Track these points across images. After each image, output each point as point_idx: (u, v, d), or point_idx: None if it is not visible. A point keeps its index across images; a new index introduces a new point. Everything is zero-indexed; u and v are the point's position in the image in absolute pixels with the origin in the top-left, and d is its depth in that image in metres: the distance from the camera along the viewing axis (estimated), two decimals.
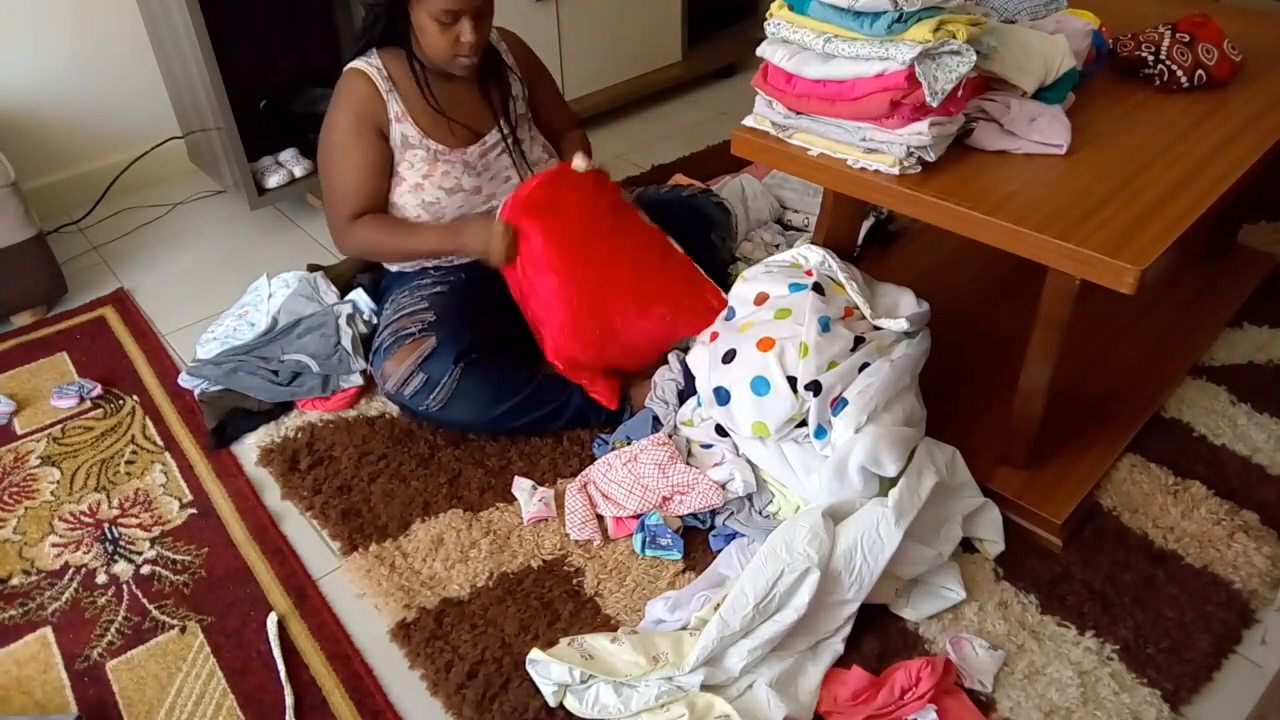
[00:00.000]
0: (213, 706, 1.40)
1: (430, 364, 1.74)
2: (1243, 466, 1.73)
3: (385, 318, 1.87)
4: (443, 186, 1.85)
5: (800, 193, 2.41)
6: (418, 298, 1.85)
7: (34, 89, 2.50)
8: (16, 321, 2.23)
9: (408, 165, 1.84)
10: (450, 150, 1.85)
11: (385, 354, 1.78)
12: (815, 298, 1.54)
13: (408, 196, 1.86)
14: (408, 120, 1.81)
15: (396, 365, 1.76)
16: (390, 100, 1.80)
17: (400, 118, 1.81)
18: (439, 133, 1.84)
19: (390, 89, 1.80)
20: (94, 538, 1.68)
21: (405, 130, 1.82)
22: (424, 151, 1.83)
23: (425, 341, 1.76)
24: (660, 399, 1.80)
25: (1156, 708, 1.36)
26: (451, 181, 1.86)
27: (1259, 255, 2.23)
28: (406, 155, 1.84)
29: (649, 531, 1.60)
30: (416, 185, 1.85)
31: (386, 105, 1.80)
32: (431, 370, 1.74)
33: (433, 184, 1.85)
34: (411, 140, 1.82)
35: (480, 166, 1.89)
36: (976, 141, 1.53)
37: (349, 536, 1.65)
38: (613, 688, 1.34)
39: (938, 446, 1.58)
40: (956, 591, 1.50)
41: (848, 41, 1.39)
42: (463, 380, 1.74)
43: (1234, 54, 1.71)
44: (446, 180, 1.85)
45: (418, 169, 1.84)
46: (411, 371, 1.74)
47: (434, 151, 1.83)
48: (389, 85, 1.80)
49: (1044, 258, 1.36)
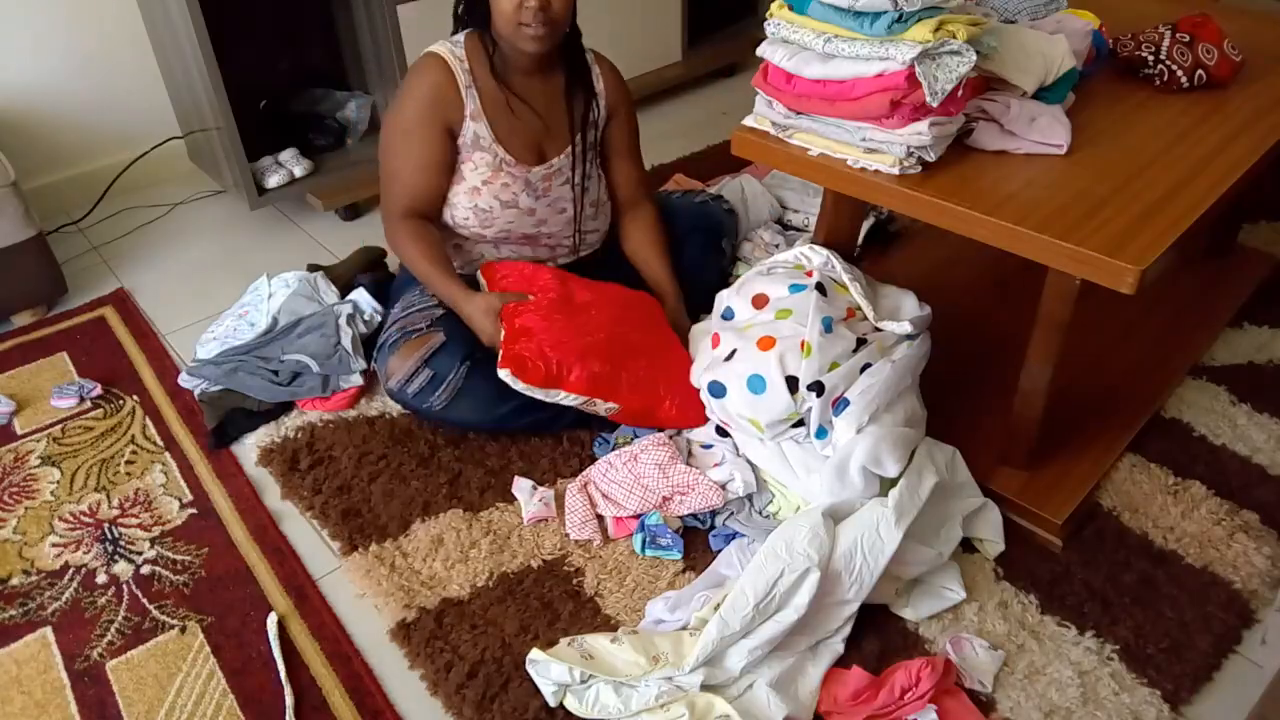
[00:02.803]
0: (213, 706, 1.40)
1: (437, 360, 1.72)
2: (1243, 466, 1.73)
3: (393, 315, 1.85)
4: (499, 197, 1.80)
5: (800, 193, 2.41)
6: (428, 297, 1.83)
7: (34, 89, 2.50)
8: (16, 321, 2.23)
9: (471, 166, 1.79)
10: (516, 164, 1.79)
11: (390, 349, 1.75)
12: (818, 298, 1.54)
13: (463, 196, 1.81)
14: (483, 120, 1.76)
15: (402, 361, 1.73)
16: (468, 97, 1.74)
17: (476, 115, 1.75)
18: (511, 141, 1.79)
19: (470, 84, 1.74)
20: (94, 538, 1.68)
21: (479, 130, 1.76)
22: (491, 156, 1.78)
23: (433, 337, 1.73)
24: None
25: (1156, 708, 1.36)
26: (509, 195, 1.80)
27: (1259, 255, 2.23)
28: (473, 156, 1.78)
29: (649, 531, 1.60)
30: (474, 189, 1.80)
31: (464, 101, 1.74)
32: (438, 366, 1.72)
33: (490, 191, 1.80)
34: (482, 142, 1.77)
35: (541, 189, 1.83)
36: (976, 141, 1.53)
37: (349, 536, 1.65)
38: (613, 688, 1.34)
39: (938, 446, 1.58)
40: (956, 591, 1.50)
41: (848, 41, 1.39)
42: (469, 378, 1.73)
43: (1234, 54, 1.71)
44: (504, 192, 1.80)
45: (480, 172, 1.79)
46: (417, 367, 1.72)
47: (500, 159, 1.78)
48: (469, 79, 1.74)
49: (1044, 258, 1.36)
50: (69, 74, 2.54)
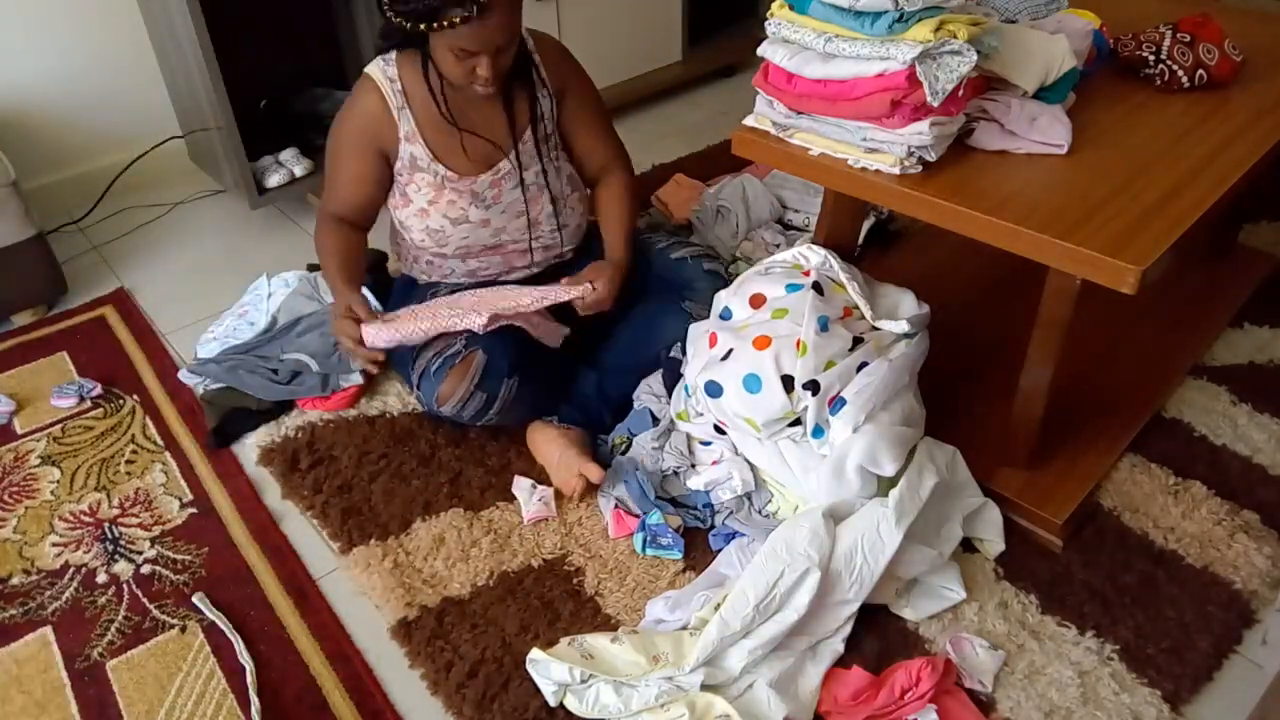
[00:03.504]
0: (213, 706, 1.40)
1: (486, 381, 1.69)
2: (1243, 467, 1.73)
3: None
4: (448, 215, 1.77)
5: (801, 192, 2.41)
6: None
7: (34, 89, 2.51)
8: (16, 321, 2.23)
9: (415, 188, 1.76)
10: (459, 178, 1.75)
11: (436, 378, 1.70)
12: (814, 297, 1.54)
13: (414, 220, 1.78)
14: (418, 141, 1.71)
15: (453, 388, 1.69)
16: (401, 119, 1.70)
17: (410, 137, 1.71)
18: (450, 156, 1.73)
19: (403, 105, 1.70)
20: (94, 537, 1.68)
21: (415, 151, 1.72)
22: (431, 176, 1.74)
23: (474, 358, 1.69)
24: (650, 393, 1.79)
25: (1156, 708, 1.36)
26: (457, 211, 1.76)
27: (1260, 255, 2.23)
28: (414, 178, 1.75)
29: (649, 531, 1.60)
30: (422, 210, 1.77)
31: (396, 124, 1.70)
32: (489, 388, 1.70)
33: (438, 211, 1.76)
34: (420, 163, 1.73)
35: (490, 198, 1.77)
36: (977, 141, 1.53)
37: (349, 536, 1.65)
38: (613, 687, 1.34)
39: (938, 446, 1.58)
40: (956, 591, 1.50)
41: (848, 41, 1.39)
42: (519, 389, 1.72)
43: (1235, 54, 1.70)
44: (452, 210, 1.76)
45: (424, 193, 1.75)
46: (470, 392, 1.69)
47: (442, 177, 1.74)
48: (402, 101, 1.70)
49: (1045, 258, 1.36)
50: (69, 74, 2.54)
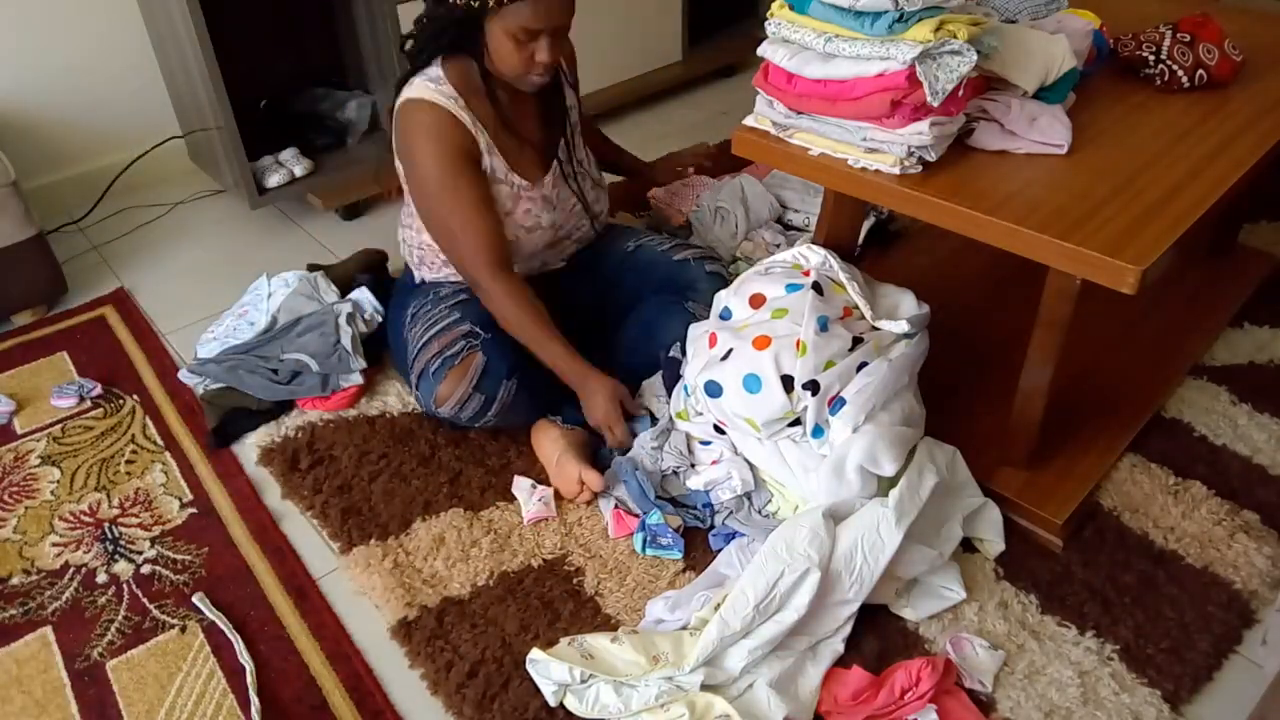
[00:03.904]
0: (213, 706, 1.40)
1: (485, 383, 1.69)
2: (1243, 467, 1.73)
3: (418, 334, 1.78)
4: (523, 225, 1.76)
5: (801, 192, 2.41)
6: (445, 308, 1.78)
7: (34, 88, 2.51)
8: (16, 321, 2.23)
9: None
10: (531, 186, 1.75)
11: (435, 378, 1.71)
12: (814, 297, 1.54)
13: None
14: (495, 153, 1.70)
15: (451, 389, 1.69)
16: (478, 133, 1.67)
17: (490, 150, 1.69)
18: (520, 165, 1.74)
19: (474, 121, 1.66)
20: (94, 537, 1.68)
21: (494, 164, 1.70)
22: (508, 188, 1.73)
23: (473, 359, 1.69)
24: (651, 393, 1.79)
25: (1156, 708, 1.36)
26: (532, 220, 1.77)
27: (1260, 255, 2.22)
28: (493, 190, 1.72)
29: (649, 531, 1.60)
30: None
31: (477, 139, 1.67)
32: (488, 389, 1.70)
33: (514, 222, 1.75)
34: (499, 176, 1.72)
35: (555, 199, 1.79)
36: (977, 141, 1.53)
37: (349, 535, 1.65)
38: (613, 687, 1.34)
39: (938, 446, 1.58)
40: (956, 591, 1.50)
41: (848, 41, 1.39)
42: (518, 391, 1.72)
43: (1235, 54, 1.70)
44: (527, 219, 1.76)
45: (501, 206, 1.73)
46: (468, 394, 1.69)
47: (518, 188, 1.74)
48: (472, 118, 1.66)
49: (1045, 258, 1.36)
50: (69, 74, 2.54)
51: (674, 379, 1.76)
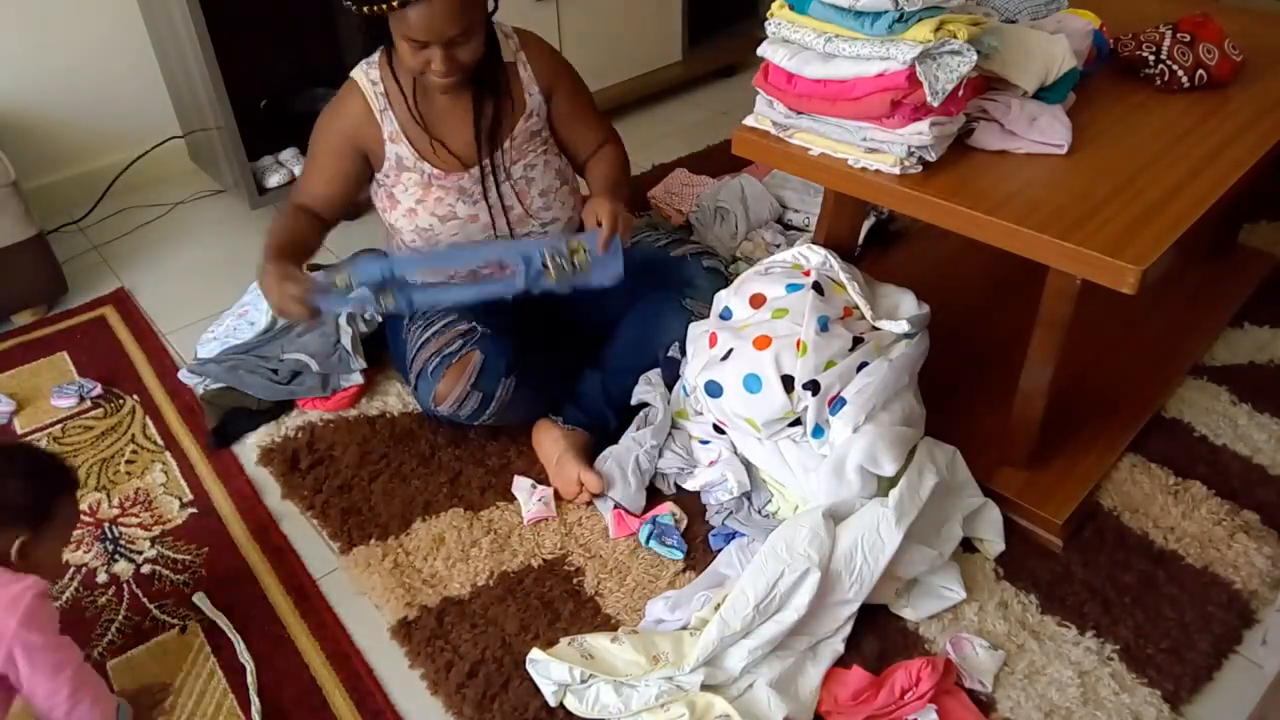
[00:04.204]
0: (213, 706, 1.40)
1: (483, 380, 1.69)
2: (1243, 467, 1.73)
3: (416, 333, 1.78)
4: (436, 213, 1.77)
5: (801, 192, 2.41)
6: (445, 310, 1.77)
7: (34, 89, 2.51)
8: (17, 321, 2.23)
9: (402, 189, 1.76)
10: (445, 175, 1.75)
11: (434, 377, 1.70)
12: (814, 297, 1.54)
13: (403, 220, 1.78)
14: (402, 141, 1.72)
15: (450, 388, 1.69)
16: (384, 120, 1.71)
17: (395, 138, 1.72)
18: (436, 154, 1.74)
19: (385, 108, 1.71)
20: (94, 537, 1.68)
21: (400, 152, 1.73)
22: (418, 175, 1.75)
23: (471, 357, 1.69)
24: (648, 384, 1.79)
25: (1156, 708, 1.36)
26: (445, 209, 1.77)
27: (1260, 255, 2.23)
28: (401, 178, 1.75)
29: (658, 527, 1.60)
30: (410, 210, 1.77)
31: (380, 126, 1.71)
32: (485, 387, 1.69)
33: (426, 210, 1.76)
34: (406, 163, 1.73)
35: (477, 194, 1.77)
36: (977, 141, 1.53)
37: (349, 535, 1.65)
38: (613, 687, 1.34)
39: (938, 446, 1.58)
40: (956, 591, 1.50)
41: (848, 41, 1.39)
42: (517, 390, 1.72)
43: (1235, 54, 1.70)
44: (440, 207, 1.76)
45: (412, 193, 1.76)
46: (466, 392, 1.69)
47: (428, 176, 1.74)
48: (384, 104, 1.71)
49: (1045, 258, 1.36)
50: (69, 74, 2.54)
51: (673, 379, 1.76)
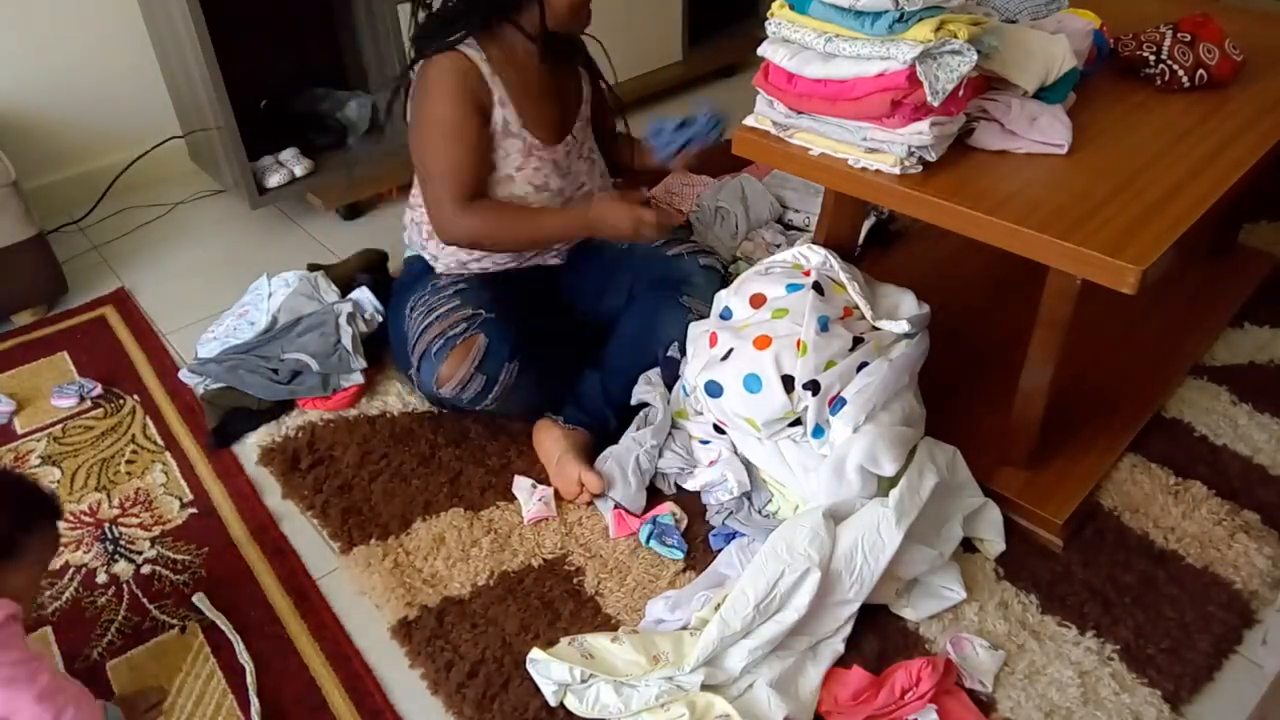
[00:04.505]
0: (213, 706, 1.40)
1: (487, 363, 1.70)
2: (1244, 467, 1.73)
3: (418, 319, 1.78)
4: (532, 182, 1.78)
5: (801, 192, 2.41)
6: (445, 296, 1.79)
7: (35, 88, 2.50)
8: (17, 321, 2.23)
9: (503, 154, 1.76)
10: (544, 145, 1.78)
11: (437, 359, 1.71)
12: (814, 297, 1.54)
13: (497, 188, 1.78)
14: (510, 105, 1.73)
15: (453, 370, 1.70)
16: (494, 84, 1.72)
17: (504, 101, 1.73)
18: (536, 125, 1.77)
19: (493, 73, 1.71)
20: (94, 537, 1.68)
21: (507, 116, 1.74)
22: (521, 142, 1.76)
23: (475, 340, 1.70)
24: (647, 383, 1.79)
25: (1157, 708, 1.36)
26: (541, 179, 1.79)
27: (1260, 255, 2.23)
28: (504, 143, 1.76)
29: (658, 527, 1.60)
30: (508, 177, 1.78)
31: (491, 88, 1.72)
32: (489, 370, 1.70)
33: (524, 178, 1.78)
34: (511, 128, 1.74)
35: (566, 167, 1.83)
36: (977, 141, 1.53)
37: (349, 535, 1.65)
38: (613, 687, 1.34)
39: (938, 446, 1.58)
40: (957, 591, 1.50)
41: (849, 41, 1.39)
42: (519, 375, 1.72)
43: (1235, 54, 1.70)
44: (536, 176, 1.79)
45: (511, 159, 1.77)
46: (470, 374, 1.70)
47: (530, 144, 1.77)
48: (489, 69, 1.71)
49: (1045, 257, 1.36)
50: (69, 74, 2.54)
51: (673, 379, 1.76)
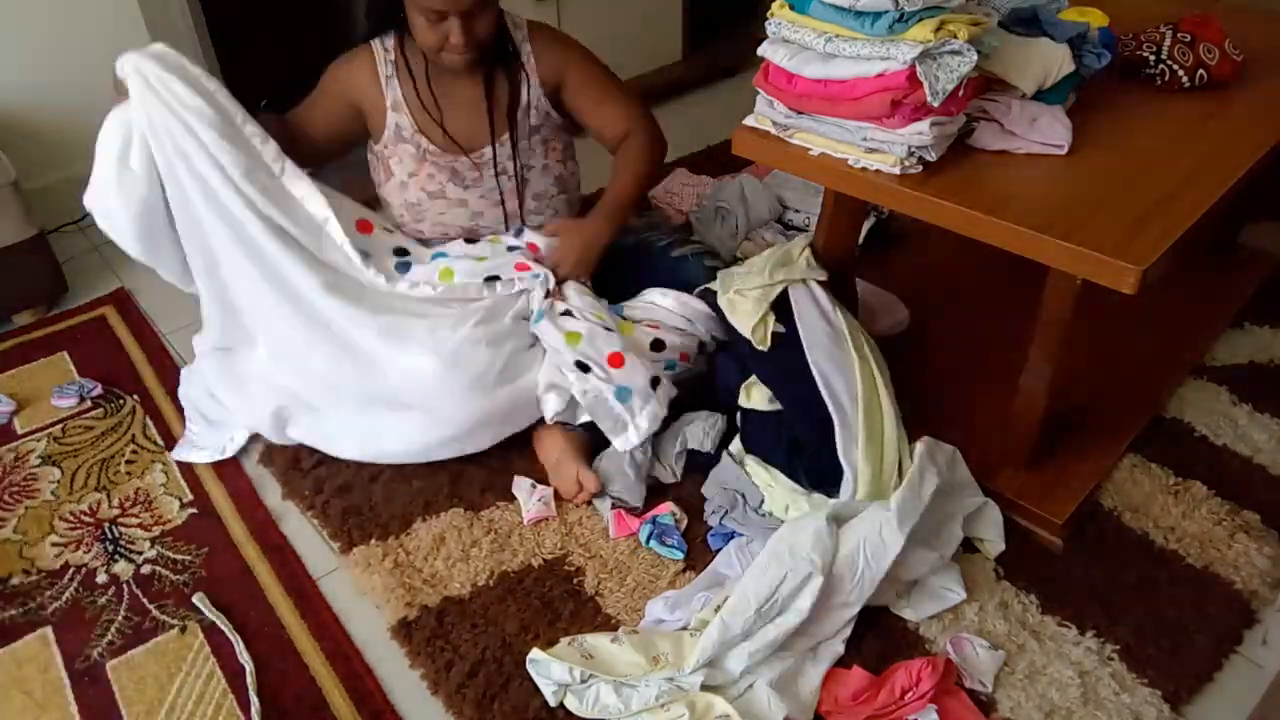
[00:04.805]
0: (213, 706, 1.40)
1: None
2: (1244, 467, 1.73)
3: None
4: (425, 189, 1.79)
5: (801, 192, 2.41)
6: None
7: (35, 88, 2.50)
8: (17, 321, 2.23)
9: (397, 160, 1.79)
10: (441, 153, 1.78)
11: None
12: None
13: (394, 193, 1.81)
14: (404, 111, 1.76)
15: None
16: (388, 87, 1.75)
17: (396, 106, 1.75)
18: (434, 131, 1.77)
19: (391, 75, 1.75)
20: (94, 537, 1.68)
21: (399, 121, 1.76)
22: (413, 148, 1.77)
23: None
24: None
25: (1157, 708, 1.36)
26: (435, 186, 1.79)
27: (1261, 255, 2.22)
28: (397, 149, 1.78)
29: (658, 527, 1.60)
30: (402, 184, 1.80)
31: (383, 93, 1.75)
32: None
33: (416, 184, 1.79)
34: (404, 133, 1.77)
35: (470, 179, 1.80)
36: (977, 141, 1.53)
37: (349, 535, 1.65)
38: (613, 687, 1.34)
39: (938, 446, 1.58)
40: (957, 591, 1.50)
41: (849, 41, 1.39)
42: None
43: (1235, 54, 1.70)
44: (430, 184, 1.79)
45: (405, 165, 1.79)
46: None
47: (423, 150, 1.77)
48: (391, 71, 1.75)
49: (1045, 258, 1.35)
50: (70, 73, 2.53)
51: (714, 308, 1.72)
